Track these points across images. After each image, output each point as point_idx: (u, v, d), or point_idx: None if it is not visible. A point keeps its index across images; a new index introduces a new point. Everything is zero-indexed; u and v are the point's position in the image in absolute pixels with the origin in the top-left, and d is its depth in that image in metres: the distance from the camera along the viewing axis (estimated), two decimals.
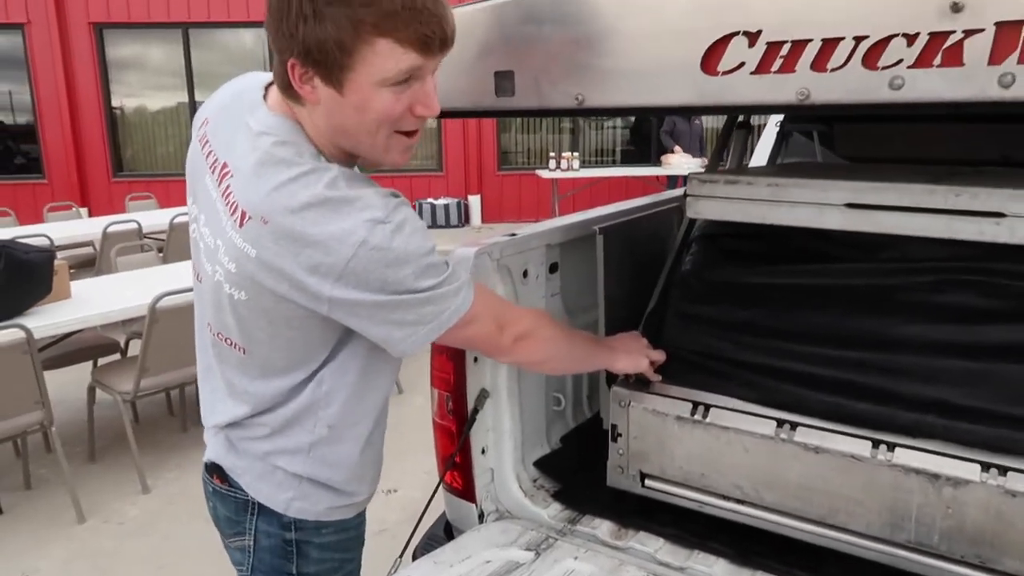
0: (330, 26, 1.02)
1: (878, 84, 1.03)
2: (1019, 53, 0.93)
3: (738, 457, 1.52)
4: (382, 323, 1.14)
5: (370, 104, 1.09)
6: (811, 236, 1.55)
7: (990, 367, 1.35)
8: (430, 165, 11.25)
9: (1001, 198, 1.30)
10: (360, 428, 1.33)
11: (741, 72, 1.12)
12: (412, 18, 1.04)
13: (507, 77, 1.34)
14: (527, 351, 1.35)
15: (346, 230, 1.07)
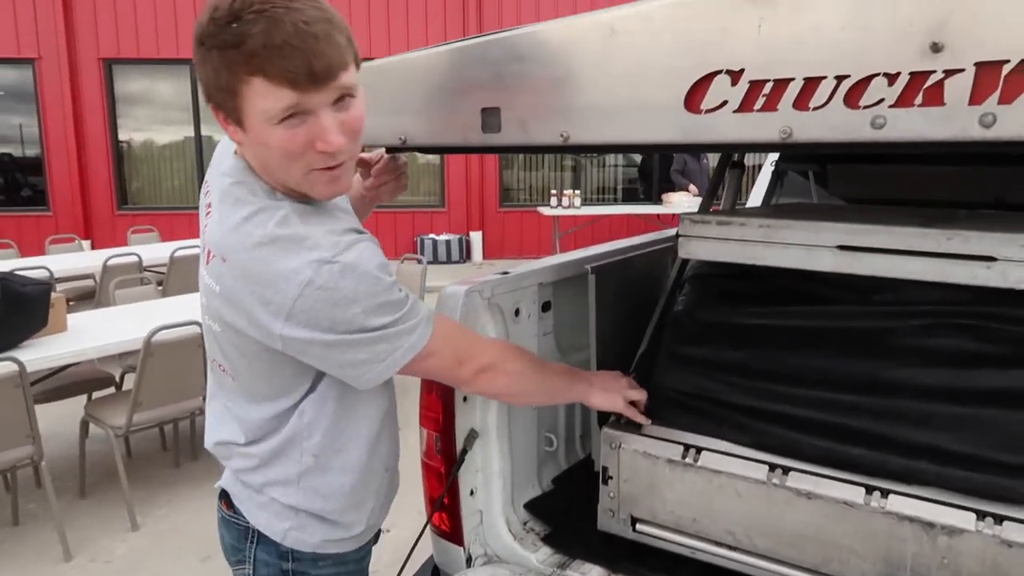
0: (213, 70, 1.08)
1: (860, 123, 1.02)
2: (999, 93, 0.93)
3: (730, 502, 1.49)
4: (335, 361, 1.17)
5: (268, 141, 1.11)
6: (804, 277, 1.54)
7: (983, 412, 1.33)
8: (432, 201, 11.30)
9: (992, 242, 1.29)
10: (348, 457, 1.32)
11: (724, 110, 1.12)
12: (274, 55, 1.04)
13: (493, 114, 1.35)
14: (489, 384, 1.36)
15: (293, 269, 1.10)
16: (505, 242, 11.32)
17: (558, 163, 11.61)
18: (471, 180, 11.13)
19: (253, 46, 1.04)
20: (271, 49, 1.05)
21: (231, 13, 1.05)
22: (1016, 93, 0.92)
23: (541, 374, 1.46)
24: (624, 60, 1.19)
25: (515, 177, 11.64)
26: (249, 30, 1.04)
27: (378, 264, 1.16)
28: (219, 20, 1.05)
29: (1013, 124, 0.92)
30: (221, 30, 1.05)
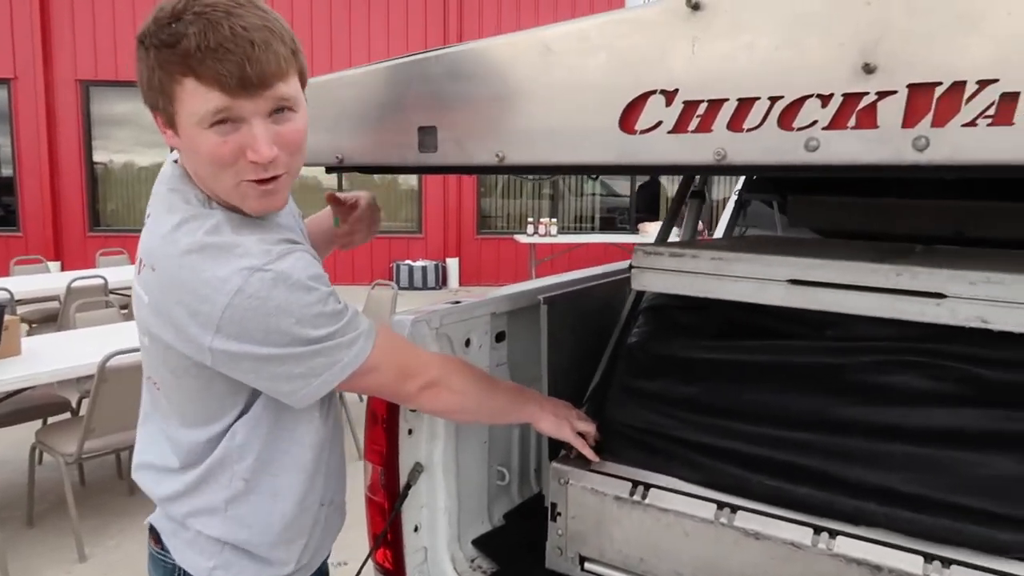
0: (148, 69, 1.06)
1: (793, 145, 1.00)
2: (932, 116, 0.91)
3: (678, 541, 1.44)
4: (269, 376, 1.11)
5: (197, 146, 1.09)
6: (759, 311, 1.52)
7: (932, 452, 1.30)
8: (409, 227, 11.28)
9: (942, 278, 1.27)
10: (280, 482, 1.26)
11: (659, 131, 1.09)
12: (207, 56, 1.03)
13: (430, 133, 1.32)
14: (432, 400, 1.31)
15: (221, 278, 1.06)
16: (482, 269, 11.30)
17: (536, 191, 11.65)
18: (449, 207, 11.13)
19: (187, 46, 1.03)
20: (204, 51, 1.03)
21: (172, 14, 1.04)
22: (949, 116, 0.89)
23: (489, 392, 1.42)
24: (560, 79, 1.17)
25: (493, 204, 11.65)
26: (185, 30, 1.02)
27: (313, 274, 1.11)
28: (160, 20, 1.04)
29: (945, 148, 0.90)
30: (160, 29, 1.04)
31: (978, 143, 0.88)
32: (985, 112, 0.87)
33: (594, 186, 11.85)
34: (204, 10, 1.04)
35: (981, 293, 1.24)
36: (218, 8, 1.04)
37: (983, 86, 0.87)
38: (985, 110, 0.87)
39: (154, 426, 1.30)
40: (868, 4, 0.93)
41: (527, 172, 1.39)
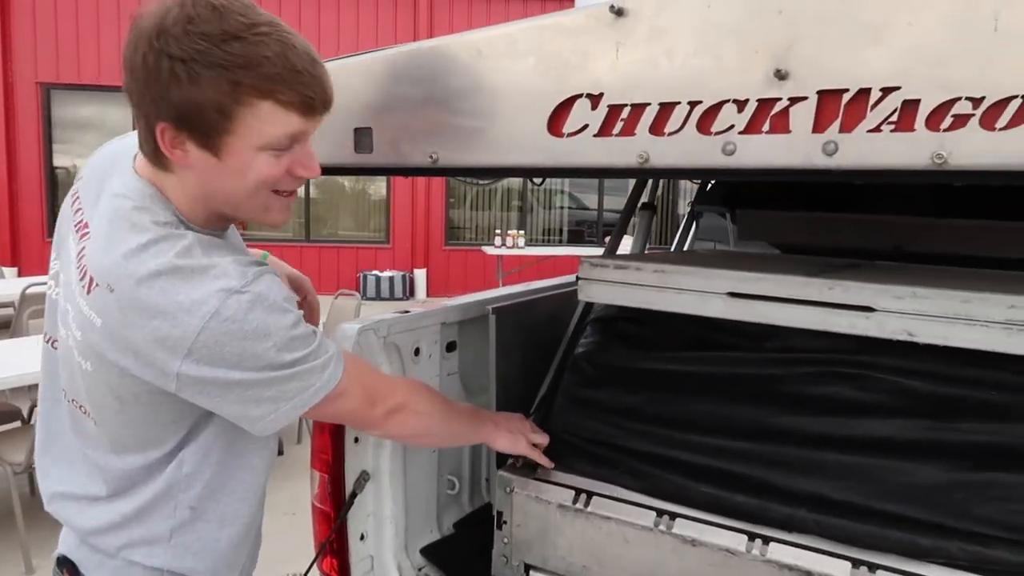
0: (208, 89, 0.99)
1: (712, 149, 1.03)
2: (840, 121, 0.94)
3: (619, 549, 1.47)
4: (237, 401, 1.07)
5: (250, 168, 1.07)
6: (702, 323, 1.55)
7: (862, 461, 1.34)
8: (377, 237, 11.24)
9: (871, 292, 1.32)
10: (229, 508, 1.24)
11: (585, 134, 1.12)
12: (295, 80, 1.03)
13: (366, 134, 1.34)
14: (399, 425, 1.30)
15: (195, 300, 1.01)
16: (450, 280, 11.30)
17: (506, 203, 11.69)
18: (417, 217, 11.12)
19: (272, 69, 1.00)
20: (289, 74, 1.02)
21: (228, 32, 0.98)
22: (856, 122, 0.93)
23: (450, 415, 1.42)
24: (491, 82, 1.19)
25: (462, 216, 11.67)
26: (262, 52, 1.00)
27: (285, 296, 1.09)
28: (211, 36, 0.98)
29: (853, 153, 0.94)
30: (218, 47, 0.98)
31: (882, 149, 0.92)
32: (889, 118, 0.91)
33: (563, 199, 11.94)
34: (270, 29, 1.01)
35: (907, 307, 1.28)
36: (280, 27, 1.03)
37: (886, 93, 0.91)
38: (888, 116, 0.91)
39: (71, 452, 1.23)
40: (780, 13, 0.97)
41: (460, 174, 1.40)
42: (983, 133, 0.88)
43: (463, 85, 1.22)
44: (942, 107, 0.89)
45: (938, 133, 0.90)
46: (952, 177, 0.92)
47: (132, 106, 1.06)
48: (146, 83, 1.01)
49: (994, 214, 1.86)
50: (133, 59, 1.01)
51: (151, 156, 1.10)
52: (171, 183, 1.12)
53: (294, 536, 3.68)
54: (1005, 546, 1.20)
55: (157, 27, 0.98)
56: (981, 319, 1.23)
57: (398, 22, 10.72)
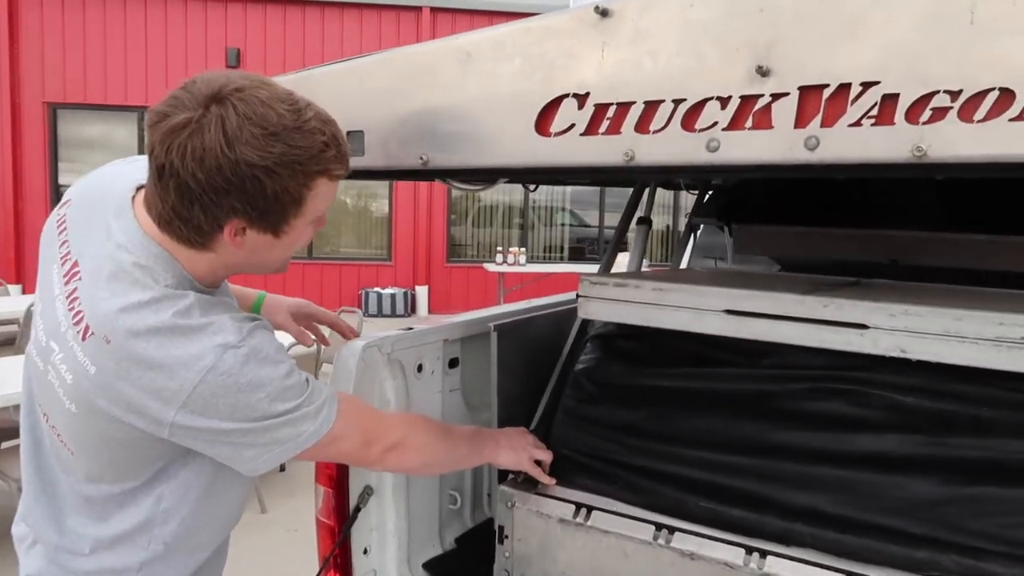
0: (289, 185, 1.06)
1: (696, 146, 1.05)
2: (822, 116, 0.96)
3: (618, 563, 1.49)
4: (229, 446, 1.12)
5: (300, 239, 1.16)
6: (699, 340, 1.58)
7: (857, 476, 1.37)
8: (379, 255, 11.29)
9: (864, 310, 1.35)
10: (200, 539, 1.27)
11: (572, 133, 1.14)
12: (340, 154, 1.10)
13: (357, 137, 1.36)
14: (399, 461, 1.34)
15: (193, 355, 1.05)
16: (451, 297, 11.33)
17: (507, 221, 11.74)
18: (419, 234, 11.17)
19: (329, 153, 1.08)
20: (338, 149, 1.10)
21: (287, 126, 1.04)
22: (836, 116, 0.95)
23: (450, 443, 1.45)
24: (479, 84, 1.22)
25: (463, 233, 11.72)
26: (318, 138, 1.06)
27: (277, 347, 1.14)
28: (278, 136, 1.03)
29: (834, 147, 0.96)
30: (287, 144, 1.03)
31: (863, 143, 0.94)
32: (869, 113, 0.93)
33: (564, 216, 11.99)
34: (310, 111, 1.07)
35: (900, 324, 1.31)
36: (311, 103, 1.09)
37: (866, 88, 0.93)
38: (869, 111, 0.93)
39: (51, 473, 1.24)
40: (761, 11, 0.99)
41: (449, 176, 1.41)
42: (961, 125, 0.89)
43: (452, 87, 1.25)
44: (921, 101, 0.91)
45: (917, 126, 0.92)
46: (932, 170, 0.94)
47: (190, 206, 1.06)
48: (225, 192, 1.04)
49: (988, 228, 1.89)
50: (197, 169, 1.02)
51: (188, 240, 1.11)
52: (193, 255, 1.13)
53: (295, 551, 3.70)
54: (998, 559, 1.23)
55: (222, 135, 1.01)
56: (972, 336, 1.26)
57: (401, 35, 10.83)
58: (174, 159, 1.02)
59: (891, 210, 2.03)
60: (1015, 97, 0.86)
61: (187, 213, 1.06)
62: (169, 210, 1.07)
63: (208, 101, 1.01)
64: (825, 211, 2.13)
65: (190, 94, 1.03)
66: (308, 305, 1.69)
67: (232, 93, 1.02)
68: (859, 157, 0.95)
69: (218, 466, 1.19)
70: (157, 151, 1.03)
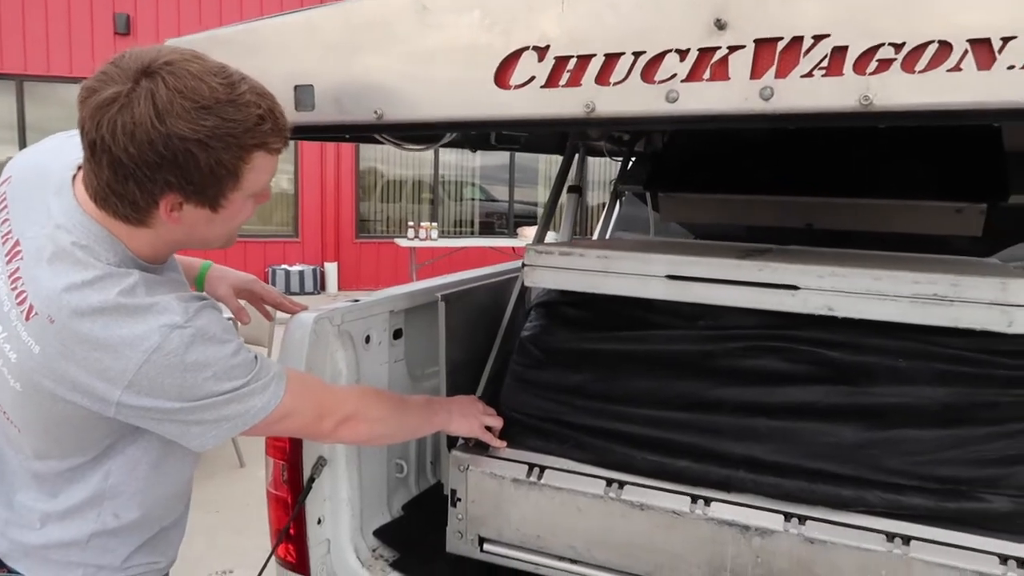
0: (224, 158, 1.05)
1: (656, 97, 1.09)
2: (776, 68, 1.02)
3: (571, 518, 1.56)
4: (177, 424, 1.12)
5: (239, 214, 1.15)
6: (639, 305, 1.66)
7: (790, 425, 1.48)
8: (285, 231, 11.00)
9: (794, 273, 1.45)
10: (150, 513, 1.27)
11: (532, 86, 1.16)
12: (277, 126, 1.10)
13: (307, 91, 1.34)
14: (352, 433, 1.36)
15: (139, 335, 1.05)
16: (361, 273, 11.18)
17: (416, 196, 11.66)
18: (326, 210, 10.94)
19: (265, 126, 1.07)
20: (275, 121, 1.08)
21: (220, 99, 1.03)
22: (790, 68, 1.01)
23: (402, 413, 1.48)
24: (435, 37, 1.22)
25: (372, 208, 11.56)
26: (253, 111, 1.05)
27: (224, 327, 1.14)
28: (211, 108, 1.02)
29: (787, 97, 1.02)
30: (220, 118, 1.02)
31: (814, 92, 1.01)
32: (820, 64, 1.00)
33: (474, 191, 12.00)
34: (244, 84, 1.06)
35: (827, 285, 1.43)
36: (244, 75, 1.07)
37: (817, 41, 0.99)
38: (820, 62, 1.00)
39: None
40: None
41: (406, 130, 1.39)
42: (904, 76, 0.97)
43: (408, 41, 1.24)
44: (868, 53, 0.98)
45: (864, 77, 0.98)
46: (877, 119, 1.01)
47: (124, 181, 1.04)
48: (158, 166, 1.03)
49: (892, 194, 2.05)
50: (128, 144, 1.00)
51: (126, 217, 1.10)
52: (133, 232, 1.12)
53: (219, 534, 3.64)
54: (914, 492, 1.37)
55: (152, 109, 1.00)
56: (891, 294, 1.38)
57: None
58: (105, 134, 1.01)
59: (806, 177, 2.16)
60: (952, 49, 0.94)
61: (122, 189, 1.05)
62: (104, 186, 1.06)
63: (137, 75, 1.01)
64: (745, 178, 2.25)
65: (119, 68, 1.02)
66: (254, 282, 1.67)
67: (162, 67, 1.02)
68: (811, 106, 1.01)
69: (166, 442, 1.19)
70: (88, 127, 1.03)
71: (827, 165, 2.15)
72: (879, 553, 1.33)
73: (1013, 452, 1.35)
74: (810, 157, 2.16)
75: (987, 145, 2.02)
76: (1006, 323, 1.31)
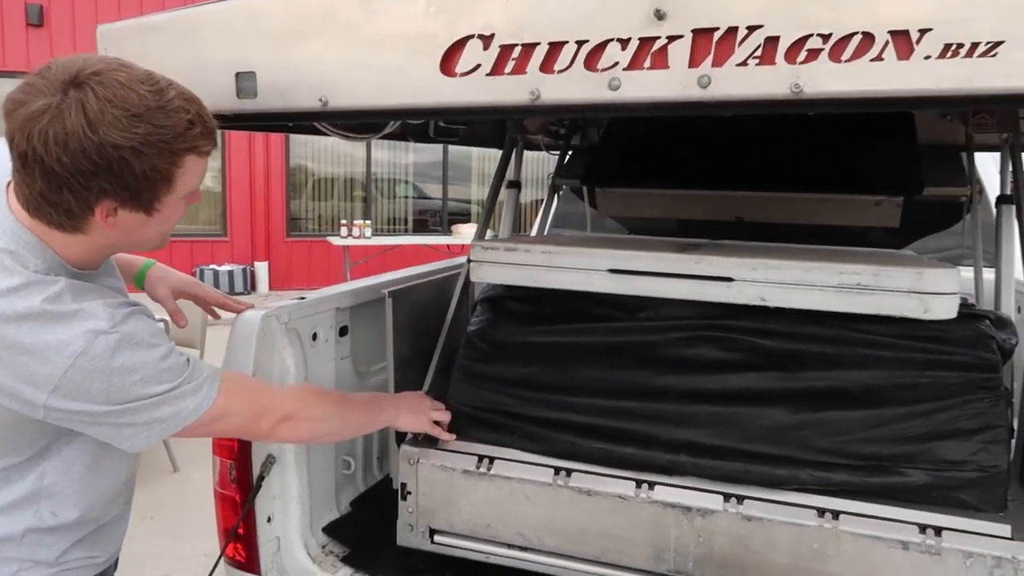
0: (158, 164, 1.07)
1: (599, 85, 1.12)
2: (713, 57, 1.07)
3: (521, 506, 1.61)
4: (107, 427, 1.13)
5: (173, 215, 1.17)
6: (583, 298, 1.72)
7: (728, 410, 1.56)
8: (213, 230, 10.73)
9: (729, 265, 1.53)
10: (88, 513, 1.27)
11: (478, 74, 1.18)
12: (207, 130, 1.12)
13: (249, 78, 1.34)
14: (292, 433, 1.38)
15: (63, 341, 1.06)
16: (293, 273, 11.00)
17: (348, 193, 11.53)
18: (256, 209, 10.72)
19: (195, 130, 1.09)
20: (204, 125, 1.11)
21: (150, 106, 1.05)
22: (726, 57, 1.06)
23: (346, 411, 1.49)
24: (381, 25, 1.23)
25: (303, 206, 11.38)
26: (183, 116, 1.07)
27: (153, 332, 1.15)
28: (141, 116, 1.04)
29: (724, 85, 1.07)
30: (152, 124, 1.05)
31: (749, 80, 1.06)
32: (754, 53, 1.05)
33: (407, 188, 11.94)
34: (170, 82, 1.08)
35: (760, 276, 1.51)
36: (171, 81, 1.09)
37: (751, 31, 1.05)
38: (754, 52, 1.05)
39: None
40: None
41: (351, 117, 1.39)
42: (832, 65, 1.02)
43: (354, 28, 1.24)
44: (798, 43, 1.03)
45: (795, 66, 1.04)
46: (807, 106, 1.06)
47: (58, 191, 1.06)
48: (93, 174, 1.04)
49: (818, 188, 2.16)
50: (61, 154, 1.02)
51: (60, 225, 1.11)
52: (66, 238, 1.13)
53: (155, 540, 3.55)
54: (843, 470, 1.46)
55: (84, 119, 1.01)
56: (819, 284, 1.47)
57: None
58: (36, 146, 1.02)
59: (737, 172, 2.26)
60: (875, 40, 1.00)
61: (56, 198, 1.07)
62: (37, 196, 1.08)
63: (65, 87, 1.03)
64: (679, 173, 2.33)
65: (46, 80, 1.03)
66: (195, 285, 1.66)
67: (90, 77, 1.04)
68: (746, 94, 1.07)
69: (101, 444, 1.19)
70: (18, 139, 1.04)
71: (757, 161, 2.25)
72: (811, 528, 1.42)
73: (928, 429, 1.46)
74: (741, 153, 2.26)
75: (903, 141, 2.15)
76: (922, 310, 1.41)
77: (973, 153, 2.23)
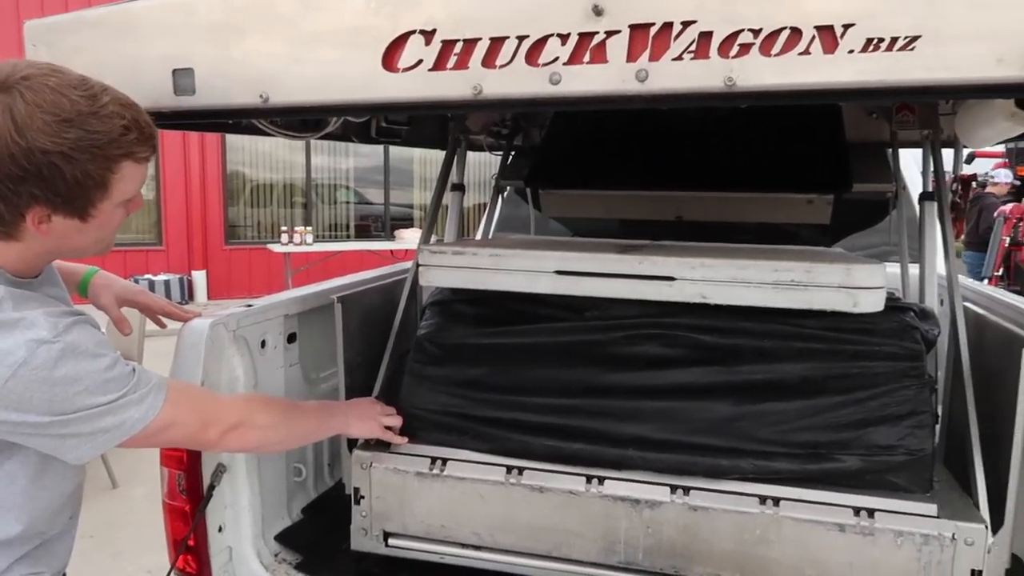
0: (91, 169, 1.06)
1: (540, 79, 1.15)
2: (649, 52, 1.10)
3: (474, 505, 1.63)
4: (50, 438, 1.11)
5: (110, 222, 1.16)
6: (530, 299, 1.75)
7: (673, 405, 1.61)
8: (148, 239, 10.43)
9: (671, 265, 1.58)
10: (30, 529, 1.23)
11: (420, 69, 1.19)
12: (143, 136, 1.12)
13: (187, 75, 1.32)
14: (240, 442, 1.37)
15: (4, 350, 1.04)
16: (232, 281, 10.77)
17: (287, 200, 11.35)
18: (192, 216, 10.47)
19: (131, 136, 1.08)
20: (140, 131, 1.10)
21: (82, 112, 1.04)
22: (662, 51, 1.09)
23: (294, 419, 1.49)
24: (322, 20, 1.23)
25: (241, 213, 11.16)
26: (117, 122, 1.07)
27: (98, 342, 1.13)
28: (73, 121, 1.03)
29: (661, 79, 1.10)
30: (83, 129, 1.04)
31: (685, 74, 1.09)
32: (688, 48, 1.09)
33: (348, 194, 11.82)
34: (106, 97, 1.07)
35: (699, 275, 1.57)
36: (106, 87, 1.08)
37: (686, 26, 1.08)
38: (688, 47, 1.09)
39: None
40: None
41: (292, 114, 1.38)
42: (762, 59, 1.06)
43: (294, 23, 1.24)
44: (730, 38, 1.07)
45: (728, 60, 1.08)
46: (741, 99, 1.10)
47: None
48: (22, 179, 1.04)
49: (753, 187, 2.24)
50: None
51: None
52: (1, 246, 1.12)
53: (95, 558, 3.45)
54: (783, 458, 1.52)
55: (11, 124, 1.01)
56: (755, 281, 1.54)
57: None
58: None
59: (676, 173, 2.32)
60: (802, 35, 1.05)
61: None
62: None
63: None
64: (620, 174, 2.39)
65: None
66: (140, 292, 1.64)
67: (19, 82, 1.03)
68: (682, 87, 1.10)
69: (45, 456, 1.17)
70: None
71: (695, 161, 2.32)
72: (754, 515, 1.48)
73: (860, 417, 1.54)
74: (680, 153, 2.33)
75: (833, 141, 2.25)
76: (851, 304, 1.48)
77: (897, 150, 2.34)
